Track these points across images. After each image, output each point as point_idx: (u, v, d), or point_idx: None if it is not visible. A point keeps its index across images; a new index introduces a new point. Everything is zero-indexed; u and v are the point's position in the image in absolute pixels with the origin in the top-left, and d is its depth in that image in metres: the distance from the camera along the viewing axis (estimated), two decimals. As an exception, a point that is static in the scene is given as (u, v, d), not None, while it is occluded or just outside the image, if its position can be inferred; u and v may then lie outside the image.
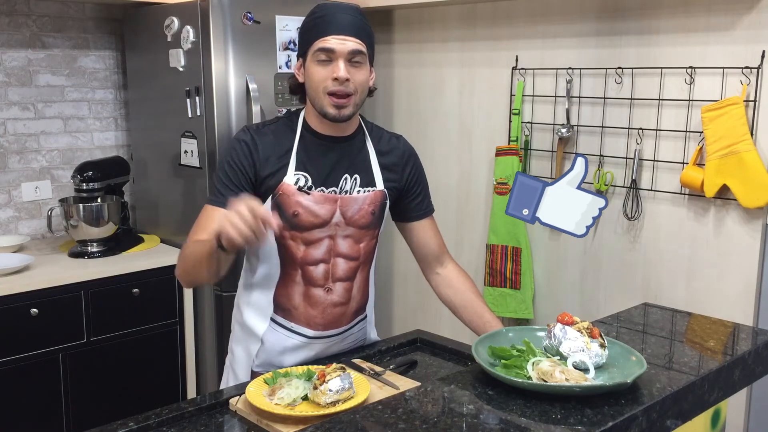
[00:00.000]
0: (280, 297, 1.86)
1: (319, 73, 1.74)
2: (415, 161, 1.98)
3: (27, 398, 2.62)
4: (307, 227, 1.80)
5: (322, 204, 1.80)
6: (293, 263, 1.83)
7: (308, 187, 1.79)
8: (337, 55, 1.72)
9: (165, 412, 1.58)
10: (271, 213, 1.67)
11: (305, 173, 1.80)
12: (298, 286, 1.84)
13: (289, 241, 1.81)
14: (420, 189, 1.98)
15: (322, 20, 1.74)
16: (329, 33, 1.72)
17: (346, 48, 1.72)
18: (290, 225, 1.79)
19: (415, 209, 1.98)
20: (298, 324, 1.87)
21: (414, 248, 2.02)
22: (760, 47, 2.32)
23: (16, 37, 3.09)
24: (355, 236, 1.86)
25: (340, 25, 1.73)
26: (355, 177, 1.85)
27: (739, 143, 2.33)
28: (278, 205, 1.78)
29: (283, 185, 1.78)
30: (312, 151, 1.82)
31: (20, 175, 3.16)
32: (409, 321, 3.48)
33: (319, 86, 1.74)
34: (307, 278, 1.84)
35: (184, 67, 2.91)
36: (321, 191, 1.80)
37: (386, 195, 1.90)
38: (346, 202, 1.82)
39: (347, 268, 1.87)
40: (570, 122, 2.80)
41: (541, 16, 2.87)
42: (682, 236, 2.56)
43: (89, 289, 2.73)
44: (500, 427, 1.27)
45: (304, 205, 1.78)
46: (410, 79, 3.41)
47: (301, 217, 1.78)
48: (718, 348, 1.70)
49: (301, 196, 1.78)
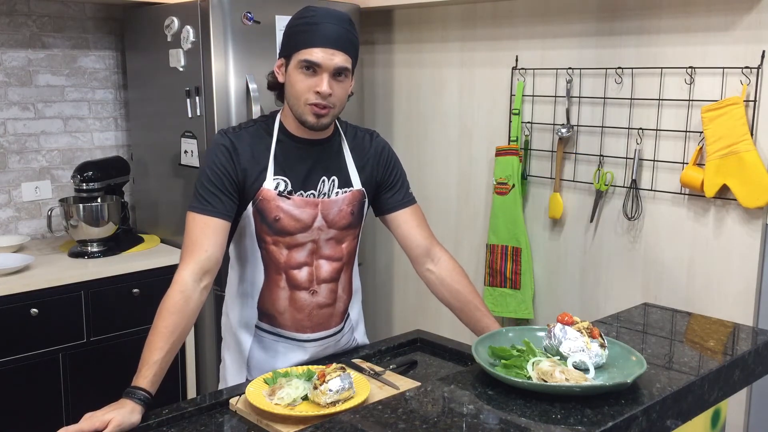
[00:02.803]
0: (264, 303, 1.86)
1: (302, 83, 1.72)
2: (389, 154, 1.96)
3: (27, 398, 2.62)
4: (290, 232, 1.79)
5: (303, 208, 1.79)
6: (277, 268, 1.82)
7: (288, 192, 1.78)
8: (323, 70, 1.70)
9: (165, 412, 1.58)
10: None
11: (284, 177, 1.79)
12: (283, 290, 1.84)
13: (271, 246, 1.81)
14: (396, 180, 1.95)
15: (311, 29, 1.71)
16: (317, 44, 1.69)
17: (333, 63, 1.70)
18: (273, 230, 1.79)
19: (392, 200, 1.95)
20: (285, 329, 1.86)
21: (401, 241, 1.97)
22: (760, 47, 2.32)
23: (16, 37, 3.09)
24: (336, 237, 1.86)
25: (329, 38, 1.70)
26: (333, 179, 1.84)
27: (739, 143, 2.33)
28: (259, 211, 1.78)
29: (263, 190, 1.77)
30: (290, 155, 1.80)
31: (20, 175, 3.16)
32: (409, 321, 3.48)
33: (301, 96, 1.73)
34: (292, 282, 1.83)
35: (184, 67, 2.91)
36: (300, 195, 1.79)
37: (364, 194, 1.89)
38: (327, 205, 1.82)
39: (331, 270, 1.87)
40: (570, 122, 2.80)
41: (541, 16, 2.87)
42: (682, 236, 2.56)
43: (89, 289, 2.73)
44: (500, 427, 1.27)
45: (285, 210, 1.78)
46: (410, 79, 3.41)
47: (283, 221, 1.78)
48: (718, 348, 1.70)
49: (281, 201, 1.77)
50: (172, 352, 1.63)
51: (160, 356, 1.59)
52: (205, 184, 1.75)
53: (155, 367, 1.59)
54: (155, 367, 1.59)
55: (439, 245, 1.98)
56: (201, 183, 1.77)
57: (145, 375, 1.57)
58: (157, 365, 1.59)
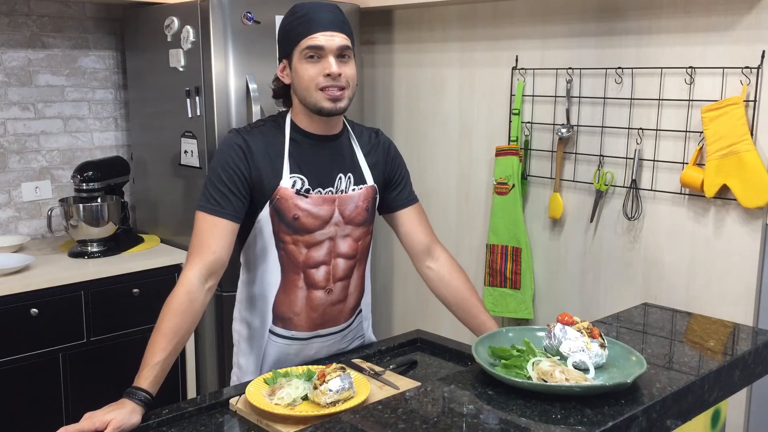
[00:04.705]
0: (280, 306, 1.85)
1: (309, 70, 1.73)
2: (395, 153, 1.98)
3: (27, 398, 2.62)
4: (309, 230, 1.80)
5: (320, 206, 1.79)
6: (295, 267, 1.82)
7: (305, 190, 1.78)
8: (327, 52, 1.72)
9: (165, 412, 1.58)
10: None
11: (301, 175, 1.79)
12: (301, 290, 1.83)
13: (290, 246, 1.80)
14: (401, 178, 1.98)
15: (306, 19, 1.73)
16: (315, 30, 1.72)
17: (335, 44, 1.72)
18: (292, 229, 1.78)
19: (397, 199, 1.97)
20: (298, 330, 1.87)
21: (402, 239, 2.00)
22: (760, 47, 2.32)
23: (16, 37, 3.09)
24: (353, 234, 1.86)
25: (325, 22, 1.73)
26: (349, 175, 1.85)
27: (739, 143, 2.33)
28: (277, 210, 1.77)
29: (281, 189, 1.76)
30: (305, 153, 1.81)
31: (20, 175, 3.16)
32: (409, 321, 3.48)
33: (311, 84, 1.73)
34: (309, 282, 1.83)
35: (184, 67, 2.91)
36: (318, 192, 1.80)
37: (376, 190, 1.90)
38: (343, 201, 1.82)
39: (346, 267, 1.87)
40: (570, 122, 2.80)
41: (541, 16, 2.87)
42: (682, 236, 2.56)
43: (89, 289, 2.73)
44: (500, 427, 1.27)
45: (304, 209, 1.78)
46: (410, 79, 3.41)
47: (302, 220, 1.78)
48: (718, 348, 1.70)
49: (299, 199, 1.77)
50: (174, 354, 1.63)
51: (162, 357, 1.59)
52: (216, 184, 1.74)
53: (157, 369, 1.58)
54: (157, 369, 1.58)
55: (440, 244, 2.01)
56: (212, 182, 1.75)
57: (146, 376, 1.57)
58: (159, 366, 1.59)
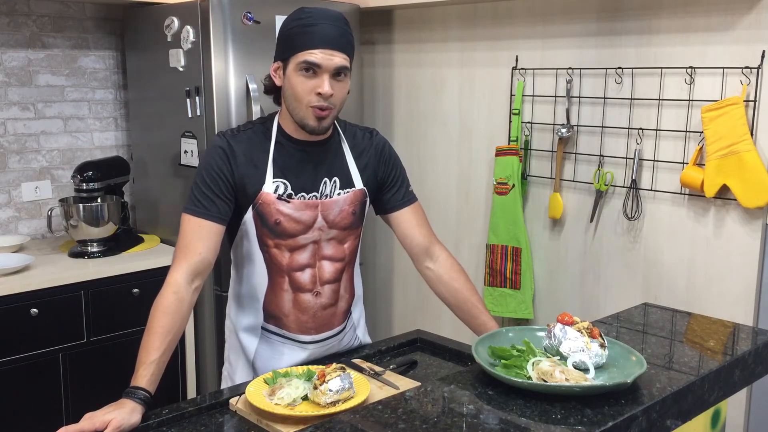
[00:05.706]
0: (269, 305, 1.86)
1: (302, 84, 1.71)
2: (390, 152, 1.96)
3: (27, 398, 2.62)
4: (291, 234, 1.79)
5: (302, 211, 1.79)
6: (280, 271, 1.82)
7: (288, 195, 1.78)
8: (323, 71, 1.70)
9: (165, 412, 1.58)
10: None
11: (284, 180, 1.78)
12: (287, 293, 1.84)
13: (273, 249, 1.80)
14: (396, 179, 1.95)
15: (309, 30, 1.70)
16: (316, 46, 1.69)
17: (333, 63, 1.70)
18: (274, 234, 1.78)
19: (393, 199, 1.95)
20: (290, 331, 1.87)
21: (401, 239, 1.98)
22: (760, 47, 2.32)
23: (16, 37, 3.09)
24: (338, 238, 1.85)
25: (327, 38, 1.70)
26: (335, 180, 1.84)
27: (739, 143, 2.33)
28: (260, 215, 1.77)
29: (263, 194, 1.76)
30: (289, 158, 1.80)
31: (20, 175, 3.16)
32: (409, 321, 3.48)
33: (303, 99, 1.72)
34: (295, 285, 1.83)
35: (184, 67, 2.91)
36: (302, 198, 1.79)
37: (365, 193, 1.89)
38: (327, 205, 1.82)
39: (333, 270, 1.87)
40: (570, 122, 2.80)
41: (541, 16, 2.87)
42: (682, 236, 2.56)
43: (89, 289, 2.73)
44: (500, 427, 1.27)
45: (285, 213, 1.77)
46: (410, 79, 3.41)
47: (284, 224, 1.78)
48: (718, 348, 1.70)
49: (281, 204, 1.77)
50: (168, 352, 1.63)
51: (157, 356, 1.60)
52: (201, 187, 1.75)
53: (153, 367, 1.59)
54: (153, 367, 1.59)
55: (439, 243, 1.99)
56: (197, 185, 1.76)
57: (143, 375, 1.58)
58: (155, 365, 1.59)
